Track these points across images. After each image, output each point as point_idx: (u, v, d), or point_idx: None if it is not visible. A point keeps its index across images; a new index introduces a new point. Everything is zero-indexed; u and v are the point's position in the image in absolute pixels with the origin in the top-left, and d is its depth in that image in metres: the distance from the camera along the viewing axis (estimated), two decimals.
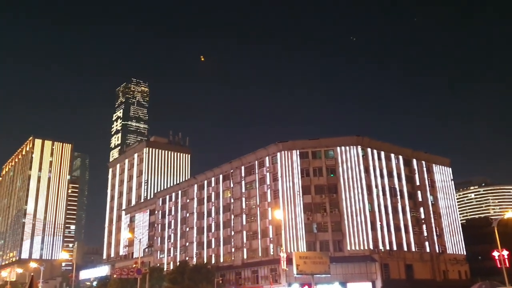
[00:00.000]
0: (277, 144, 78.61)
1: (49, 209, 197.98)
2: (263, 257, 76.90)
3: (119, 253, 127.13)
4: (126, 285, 76.69)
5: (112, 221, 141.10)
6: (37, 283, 11.58)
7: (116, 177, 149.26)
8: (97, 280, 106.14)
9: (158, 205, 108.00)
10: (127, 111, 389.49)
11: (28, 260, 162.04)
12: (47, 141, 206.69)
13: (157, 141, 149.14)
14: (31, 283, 12.17)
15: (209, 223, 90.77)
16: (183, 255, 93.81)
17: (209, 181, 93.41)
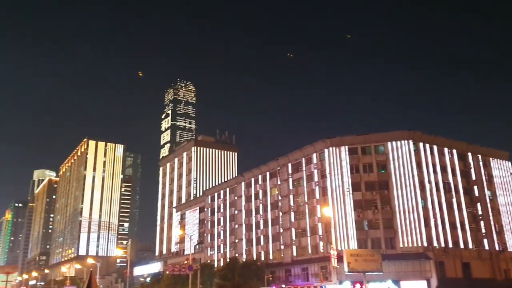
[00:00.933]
0: (324, 140, 77.62)
1: (103, 207, 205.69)
2: (312, 254, 76.29)
3: (170, 250, 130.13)
4: (178, 281, 78.12)
5: (164, 218, 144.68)
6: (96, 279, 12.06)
7: (167, 175, 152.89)
8: (150, 277, 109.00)
9: (207, 203, 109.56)
10: (175, 111, 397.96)
11: (85, 256, 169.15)
12: (100, 142, 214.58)
13: (204, 140, 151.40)
14: (90, 278, 12.34)
15: (258, 220, 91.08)
16: (233, 252, 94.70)
17: (256, 179, 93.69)
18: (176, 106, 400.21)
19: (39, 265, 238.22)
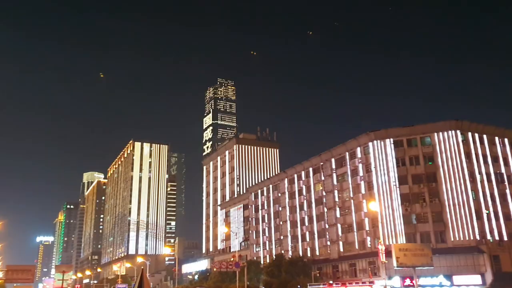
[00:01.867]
0: (368, 134, 76.29)
1: (151, 206, 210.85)
2: (360, 250, 75.30)
3: (217, 247, 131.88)
4: (225, 278, 79.01)
5: (209, 216, 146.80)
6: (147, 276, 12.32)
7: (210, 174, 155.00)
8: (198, 274, 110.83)
9: (251, 200, 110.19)
10: (216, 109, 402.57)
11: (135, 255, 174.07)
12: (145, 143, 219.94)
13: (246, 137, 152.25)
14: (141, 276, 12.56)
15: (302, 217, 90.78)
16: (279, 249, 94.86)
17: (299, 175, 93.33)
18: (217, 104, 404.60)
19: (92, 264, 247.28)
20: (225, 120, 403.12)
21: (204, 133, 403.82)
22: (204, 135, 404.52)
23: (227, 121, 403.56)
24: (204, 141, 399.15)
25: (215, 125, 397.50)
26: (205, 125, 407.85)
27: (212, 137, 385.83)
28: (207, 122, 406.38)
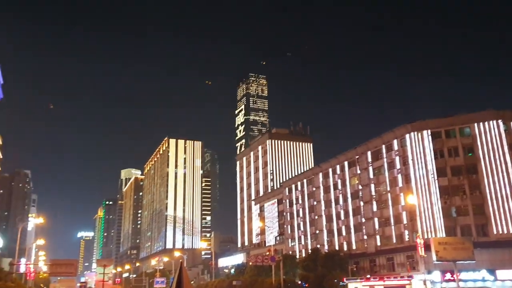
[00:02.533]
0: (405, 125, 74.71)
1: (186, 202, 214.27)
2: (397, 244, 74.03)
3: (252, 242, 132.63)
4: (261, 272, 79.35)
5: (243, 211, 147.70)
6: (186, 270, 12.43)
7: (244, 169, 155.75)
8: (234, 268, 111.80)
9: (285, 195, 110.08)
10: (248, 105, 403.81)
11: (172, 249, 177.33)
12: (180, 140, 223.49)
13: (278, 132, 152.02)
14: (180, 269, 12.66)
15: (338, 211, 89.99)
16: (314, 243, 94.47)
17: (334, 169, 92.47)
18: (249, 100, 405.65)
19: (131, 258, 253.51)
20: (257, 115, 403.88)
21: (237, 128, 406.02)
22: (236, 131, 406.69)
23: (259, 116, 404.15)
24: (236, 136, 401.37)
25: (247, 120, 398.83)
26: (238, 120, 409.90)
27: (245, 132, 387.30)
28: (239, 117, 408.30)
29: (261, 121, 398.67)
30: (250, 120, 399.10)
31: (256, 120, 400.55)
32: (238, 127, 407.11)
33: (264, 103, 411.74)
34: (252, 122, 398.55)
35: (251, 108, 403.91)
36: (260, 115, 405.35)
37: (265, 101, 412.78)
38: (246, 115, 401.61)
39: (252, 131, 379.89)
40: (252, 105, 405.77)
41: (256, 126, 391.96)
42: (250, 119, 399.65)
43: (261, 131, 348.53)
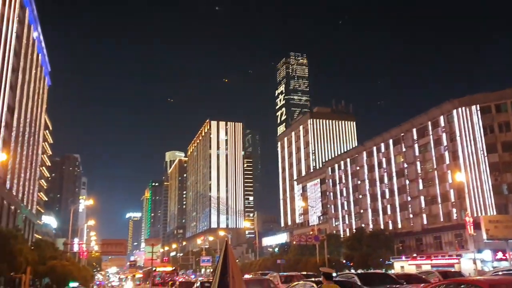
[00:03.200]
0: (451, 101, 72.02)
1: (229, 182, 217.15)
2: (445, 222, 72.24)
3: (295, 221, 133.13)
4: (305, 251, 79.73)
5: (286, 191, 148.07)
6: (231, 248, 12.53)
7: (285, 149, 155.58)
8: (278, 247, 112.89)
9: (328, 174, 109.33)
10: (288, 85, 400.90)
11: (217, 229, 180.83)
12: (221, 122, 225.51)
13: (320, 111, 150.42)
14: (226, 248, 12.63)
15: (383, 190, 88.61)
16: (359, 222, 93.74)
17: (378, 147, 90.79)
18: (289, 78, 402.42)
19: (177, 238, 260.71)
20: (298, 94, 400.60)
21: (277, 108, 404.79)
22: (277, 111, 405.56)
23: (300, 95, 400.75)
24: (277, 116, 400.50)
25: (288, 100, 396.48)
26: (278, 100, 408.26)
27: (286, 112, 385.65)
28: (280, 97, 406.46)
29: (302, 99, 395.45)
30: (291, 100, 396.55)
31: (297, 99, 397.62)
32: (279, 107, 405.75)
33: (305, 82, 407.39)
34: (292, 101, 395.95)
35: (292, 88, 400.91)
36: (301, 94, 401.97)
37: (305, 80, 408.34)
38: (287, 95, 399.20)
39: (293, 110, 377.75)
40: (293, 84, 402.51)
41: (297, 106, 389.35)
42: (290, 99, 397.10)
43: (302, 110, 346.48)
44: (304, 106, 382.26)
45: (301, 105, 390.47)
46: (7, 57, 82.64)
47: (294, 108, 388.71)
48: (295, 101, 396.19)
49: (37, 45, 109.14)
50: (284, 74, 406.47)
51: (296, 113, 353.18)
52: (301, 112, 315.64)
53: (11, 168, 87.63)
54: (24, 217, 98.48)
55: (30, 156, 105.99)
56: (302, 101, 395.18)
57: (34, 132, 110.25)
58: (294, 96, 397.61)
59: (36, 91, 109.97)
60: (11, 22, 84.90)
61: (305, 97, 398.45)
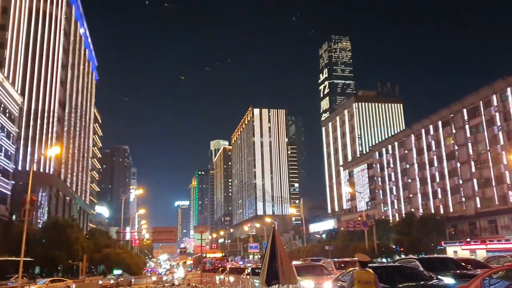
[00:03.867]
0: (505, 78, 68.42)
1: (274, 170, 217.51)
2: (500, 205, 69.22)
3: (342, 207, 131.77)
4: (353, 237, 78.71)
5: (332, 177, 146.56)
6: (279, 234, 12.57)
7: (330, 135, 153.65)
8: (325, 233, 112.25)
9: (375, 159, 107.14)
10: (331, 69, 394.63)
11: (263, 215, 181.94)
12: (263, 109, 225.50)
13: (365, 94, 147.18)
14: (273, 234, 12.60)
15: (433, 173, 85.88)
16: (408, 207, 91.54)
17: (427, 129, 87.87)
18: (332, 62, 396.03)
19: (225, 225, 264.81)
20: (341, 78, 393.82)
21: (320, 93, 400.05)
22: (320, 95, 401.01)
23: (344, 78, 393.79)
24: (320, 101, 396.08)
25: (331, 84, 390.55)
26: (321, 85, 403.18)
27: (329, 97, 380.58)
28: (323, 82, 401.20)
29: (346, 83, 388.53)
30: (334, 84, 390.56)
31: (341, 83, 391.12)
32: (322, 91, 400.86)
33: (348, 65, 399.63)
34: (336, 85, 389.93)
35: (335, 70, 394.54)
36: (344, 77, 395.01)
37: (349, 64, 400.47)
38: (330, 78, 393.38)
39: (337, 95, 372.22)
40: (336, 67, 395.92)
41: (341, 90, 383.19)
42: (334, 83, 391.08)
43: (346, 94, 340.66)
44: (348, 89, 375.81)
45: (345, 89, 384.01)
46: (56, 54, 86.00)
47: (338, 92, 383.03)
48: (339, 85, 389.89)
49: (84, 41, 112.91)
50: (327, 58, 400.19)
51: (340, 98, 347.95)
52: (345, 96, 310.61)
53: (65, 161, 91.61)
54: (78, 208, 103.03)
55: (82, 149, 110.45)
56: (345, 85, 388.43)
57: (85, 125, 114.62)
58: (337, 80, 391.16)
59: (85, 86, 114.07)
60: (59, 20, 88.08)
61: (349, 80, 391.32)
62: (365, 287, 9.42)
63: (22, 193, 56.90)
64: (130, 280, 45.97)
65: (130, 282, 43.81)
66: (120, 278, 45.36)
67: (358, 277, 9.56)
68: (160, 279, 54.68)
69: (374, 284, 9.48)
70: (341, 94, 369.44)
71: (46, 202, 77.76)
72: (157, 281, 50.92)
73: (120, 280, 43.41)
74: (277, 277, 11.70)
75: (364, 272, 9.68)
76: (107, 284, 41.78)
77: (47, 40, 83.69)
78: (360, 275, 9.61)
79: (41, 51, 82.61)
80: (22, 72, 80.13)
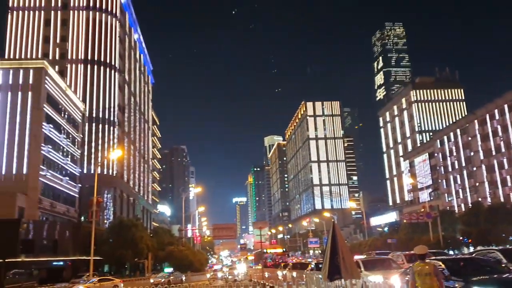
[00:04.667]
0: None
1: (330, 163, 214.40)
2: None
3: (404, 199, 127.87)
4: (416, 229, 76.07)
5: (392, 168, 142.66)
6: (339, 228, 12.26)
7: (387, 125, 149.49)
8: (387, 226, 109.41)
9: (437, 147, 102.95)
10: (386, 57, 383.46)
11: (321, 210, 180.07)
12: (317, 103, 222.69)
13: (423, 81, 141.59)
14: (333, 229, 12.29)
15: (500, 160, 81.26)
16: (475, 196, 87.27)
17: (492, 114, 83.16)
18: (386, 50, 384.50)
19: (283, 220, 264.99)
20: (396, 66, 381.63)
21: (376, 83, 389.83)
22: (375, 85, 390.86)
23: (399, 66, 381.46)
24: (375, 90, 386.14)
25: (386, 73, 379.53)
26: (376, 74, 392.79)
27: (385, 86, 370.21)
28: (377, 71, 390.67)
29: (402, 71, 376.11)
30: (389, 72, 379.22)
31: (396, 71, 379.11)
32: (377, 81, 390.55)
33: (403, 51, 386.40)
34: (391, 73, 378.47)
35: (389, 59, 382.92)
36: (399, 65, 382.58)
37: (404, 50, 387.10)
38: (385, 67, 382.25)
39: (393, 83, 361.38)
40: (390, 55, 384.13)
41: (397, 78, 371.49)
42: (389, 71, 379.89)
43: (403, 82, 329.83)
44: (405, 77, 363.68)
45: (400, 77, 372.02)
46: (113, 60, 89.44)
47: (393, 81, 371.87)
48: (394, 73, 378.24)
49: (139, 46, 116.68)
50: (381, 46, 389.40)
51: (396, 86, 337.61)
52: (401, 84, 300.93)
53: (127, 163, 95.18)
54: (142, 207, 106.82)
55: (142, 151, 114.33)
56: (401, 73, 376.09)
57: (144, 128, 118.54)
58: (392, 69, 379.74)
59: (142, 90, 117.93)
60: (114, 27, 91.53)
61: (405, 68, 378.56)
62: (425, 279, 9.36)
63: (88, 195, 59.75)
64: (181, 278, 46.57)
65: (181, 280, 44.34)
66: (171, 276, 46.06)
67: (418, 270, 9.56)
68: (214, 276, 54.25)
69: (435, 275, 9.40)
70: (397, 82, 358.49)
71: (111, 203, 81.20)
72: (211, 278, 50.94)
73: (172, 278, 44.03)
74: (340, 272, 11.57)
75: (423, 264, 9.66)
76: (158, 282, 42.40)
77: (104, 47, 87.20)
78: (419, 267, 9.60)
79: (99, 58, 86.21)
80: (83, 79, 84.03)
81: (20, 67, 63.19)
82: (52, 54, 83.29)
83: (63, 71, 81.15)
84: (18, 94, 61.25)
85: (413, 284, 9.53)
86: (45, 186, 61.52)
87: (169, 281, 41.53)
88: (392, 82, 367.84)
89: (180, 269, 56.23)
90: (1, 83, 61.64)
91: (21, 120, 60.26)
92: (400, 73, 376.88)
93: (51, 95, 64.64)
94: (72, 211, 70.36)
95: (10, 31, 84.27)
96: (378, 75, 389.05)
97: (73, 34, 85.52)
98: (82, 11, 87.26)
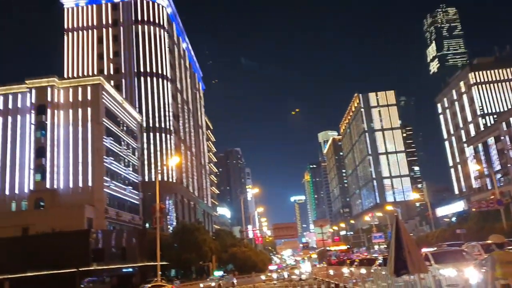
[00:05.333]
0: None
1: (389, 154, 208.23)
2: None
3: (471, 187, 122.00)
4: (487, 217, 72.09)
5: (455, 155, 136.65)
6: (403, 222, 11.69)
7: (446, 111, 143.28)
8: (455, 216, 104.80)
9: (503, 130, 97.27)
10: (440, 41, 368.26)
11: (384, 204, 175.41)
12: (370, 94, 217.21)
13: (481, 62, 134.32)
14: (396, 222, 11.84)
15: None
16: None
17: None
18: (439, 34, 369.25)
19: (344, 216, 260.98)
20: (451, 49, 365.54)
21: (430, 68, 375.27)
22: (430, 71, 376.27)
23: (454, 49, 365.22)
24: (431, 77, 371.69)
25: (441, 57, 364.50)
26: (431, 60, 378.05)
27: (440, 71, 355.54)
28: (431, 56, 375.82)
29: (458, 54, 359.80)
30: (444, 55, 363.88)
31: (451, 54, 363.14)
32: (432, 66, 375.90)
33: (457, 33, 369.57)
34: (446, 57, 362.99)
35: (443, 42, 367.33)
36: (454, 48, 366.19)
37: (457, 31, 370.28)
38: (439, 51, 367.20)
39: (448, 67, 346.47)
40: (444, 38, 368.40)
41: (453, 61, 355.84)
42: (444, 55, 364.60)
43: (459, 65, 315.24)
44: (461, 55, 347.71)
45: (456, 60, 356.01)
46: (164, 70, 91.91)
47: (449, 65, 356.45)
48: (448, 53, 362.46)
49: (188, 55, 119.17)
50: (434, 31, 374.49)
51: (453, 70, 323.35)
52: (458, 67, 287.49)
53: (185, 169, 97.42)
54: (202, 211, 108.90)
55: (198, 156, 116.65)
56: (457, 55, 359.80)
57: (198, 133, 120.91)
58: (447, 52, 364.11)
59: (194, 97, 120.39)
60: (163, 38, 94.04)
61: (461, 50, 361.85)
62: (507, 267, 9.00)
63: (150, 202, 61.61)
64: (232, 281, 45.91)
65: (232, 283, 43.77)
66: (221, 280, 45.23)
67: (499, 259, 9.24)
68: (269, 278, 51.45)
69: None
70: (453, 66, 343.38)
71: (173, 209, 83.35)
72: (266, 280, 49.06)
73: (222, 282, 43.27)
74: (406, 267, 11.31)
75: (504, 252, 9.43)
76: (208, 286, 41.70)
77: (155, 59, 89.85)
78: (501, 256, 9.31)
79: (151, 70, 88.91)
80: (137, 91, 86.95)
81: (79, 84, 66.38)
82: (107, 70, 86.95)
83: (118, 85, 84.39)
84: (79, 110, 64.37)
85: (493, 274, 9.16)
86: (110, 197, 64.15)
87: (220, 285, 40.57)
88: (447, 66, 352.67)
89: (244, 270, 56.56)
90: (63, 102, 65.00)
91: (83, 135, 63.27)
92: (455, 55, 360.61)
93: (109, 109, 67.39)
94: (136, 218, 72.88)
95: (67, 51, 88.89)
96: (433, 60, 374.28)
97: (124, 48, 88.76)
98: (131, 25, 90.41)
